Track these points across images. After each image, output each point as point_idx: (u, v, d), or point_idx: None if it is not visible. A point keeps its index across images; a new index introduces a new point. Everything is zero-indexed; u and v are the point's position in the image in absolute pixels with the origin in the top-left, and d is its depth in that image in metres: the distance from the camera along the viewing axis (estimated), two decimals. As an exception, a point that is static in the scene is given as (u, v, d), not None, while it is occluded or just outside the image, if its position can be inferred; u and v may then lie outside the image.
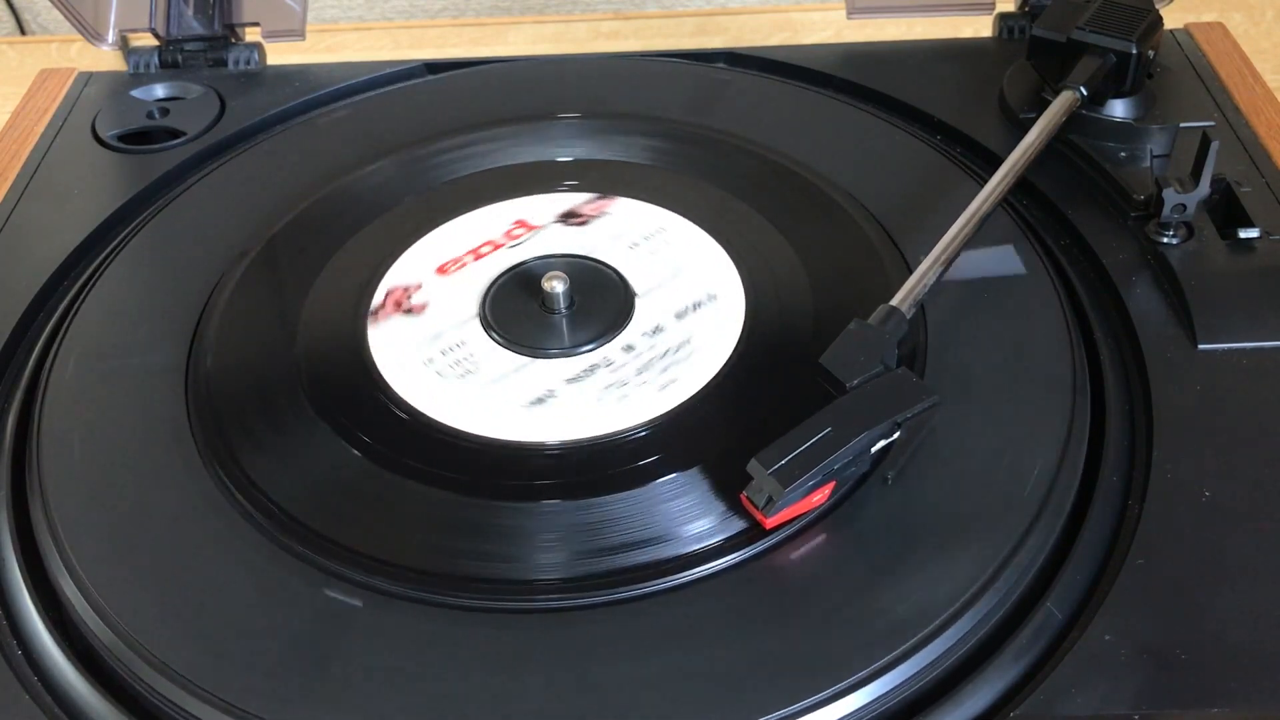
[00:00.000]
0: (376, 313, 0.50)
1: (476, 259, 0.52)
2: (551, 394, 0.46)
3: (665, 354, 0.47)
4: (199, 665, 0.38)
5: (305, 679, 0.37)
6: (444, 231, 0.54)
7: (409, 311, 0.50)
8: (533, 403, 0.46)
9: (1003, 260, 0.50)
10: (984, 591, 0.39)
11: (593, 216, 0.53)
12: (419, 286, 0.51)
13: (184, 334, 0.50)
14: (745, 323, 0.49)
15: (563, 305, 0.49)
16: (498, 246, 0.53)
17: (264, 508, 0.42)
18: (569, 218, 0.54)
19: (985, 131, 0.59)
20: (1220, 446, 0.43)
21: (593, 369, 0.47)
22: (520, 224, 0.54)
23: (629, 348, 0.48)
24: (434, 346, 0.48)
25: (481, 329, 0.49)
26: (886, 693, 0.37)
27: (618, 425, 0.45)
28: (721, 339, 0.48)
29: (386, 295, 0.51)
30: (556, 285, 0.49)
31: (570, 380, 0.47)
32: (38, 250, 0.55)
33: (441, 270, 0.52)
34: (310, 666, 0.38)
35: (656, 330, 0.49)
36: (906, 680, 0.37)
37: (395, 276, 0.52)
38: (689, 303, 0.50)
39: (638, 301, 0.50)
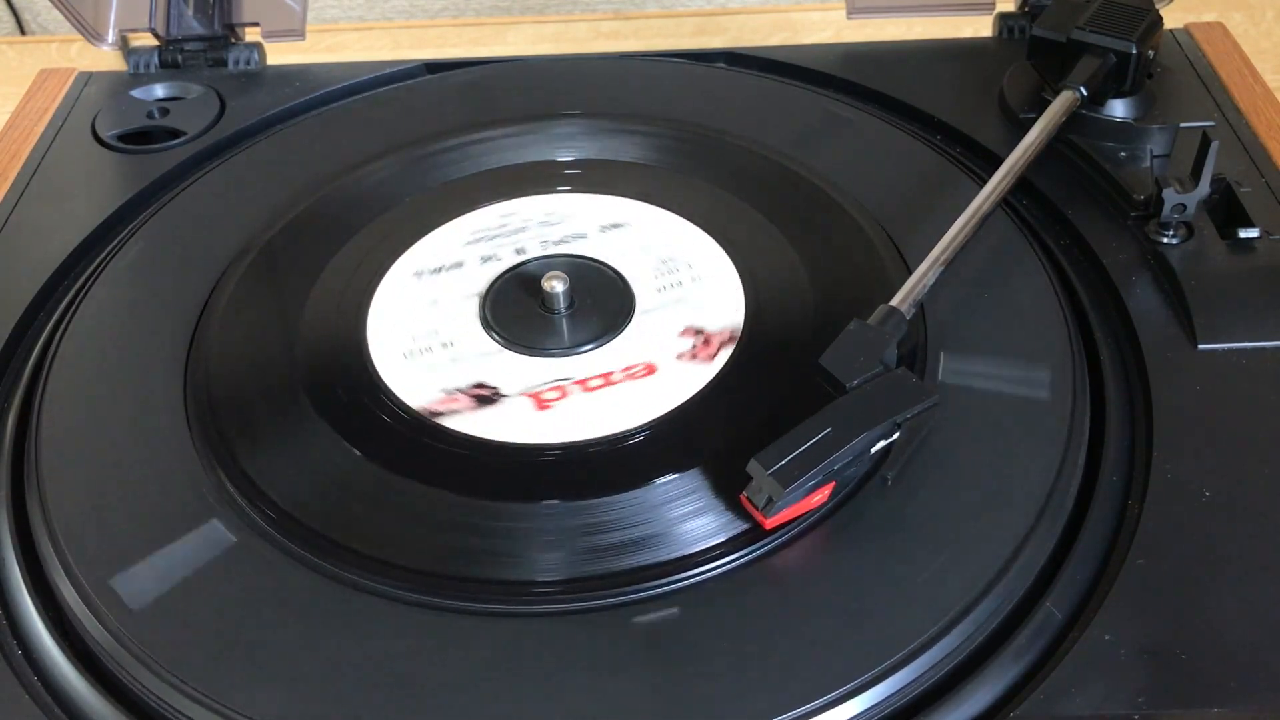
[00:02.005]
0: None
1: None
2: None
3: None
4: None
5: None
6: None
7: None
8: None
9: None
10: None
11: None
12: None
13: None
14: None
15: (562, 305, 0.49)
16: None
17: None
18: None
19: (985, 131, 0.59)
20: (1220, 446, 0.43)
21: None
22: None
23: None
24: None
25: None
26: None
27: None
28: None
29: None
30: (556, 285, 0.49)
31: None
32: (38, 250, 0.55)
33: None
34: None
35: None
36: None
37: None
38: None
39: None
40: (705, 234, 0.53)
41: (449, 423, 0.45)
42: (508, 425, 0.45)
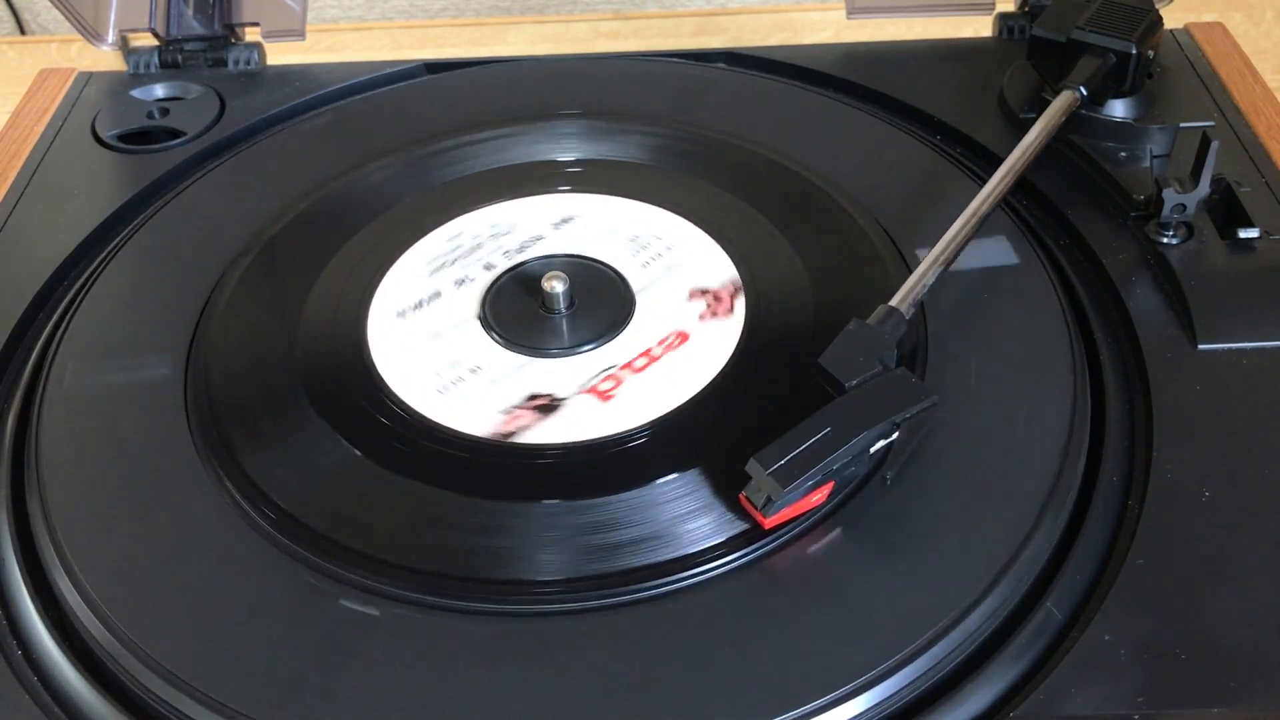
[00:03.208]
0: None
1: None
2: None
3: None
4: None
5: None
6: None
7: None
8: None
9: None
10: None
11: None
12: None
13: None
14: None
15: (563, 305, 0.49)
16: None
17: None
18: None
19: (985, 131, 0.59)
20: (1220, 446, 0.43)
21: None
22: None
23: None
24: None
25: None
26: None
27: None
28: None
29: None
30: (556, 285, 0.49)
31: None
32: (38, 250, 0.55)
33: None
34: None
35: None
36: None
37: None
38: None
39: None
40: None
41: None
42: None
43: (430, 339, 0.49)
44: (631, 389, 0.46)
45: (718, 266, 0.51)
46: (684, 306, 0.49)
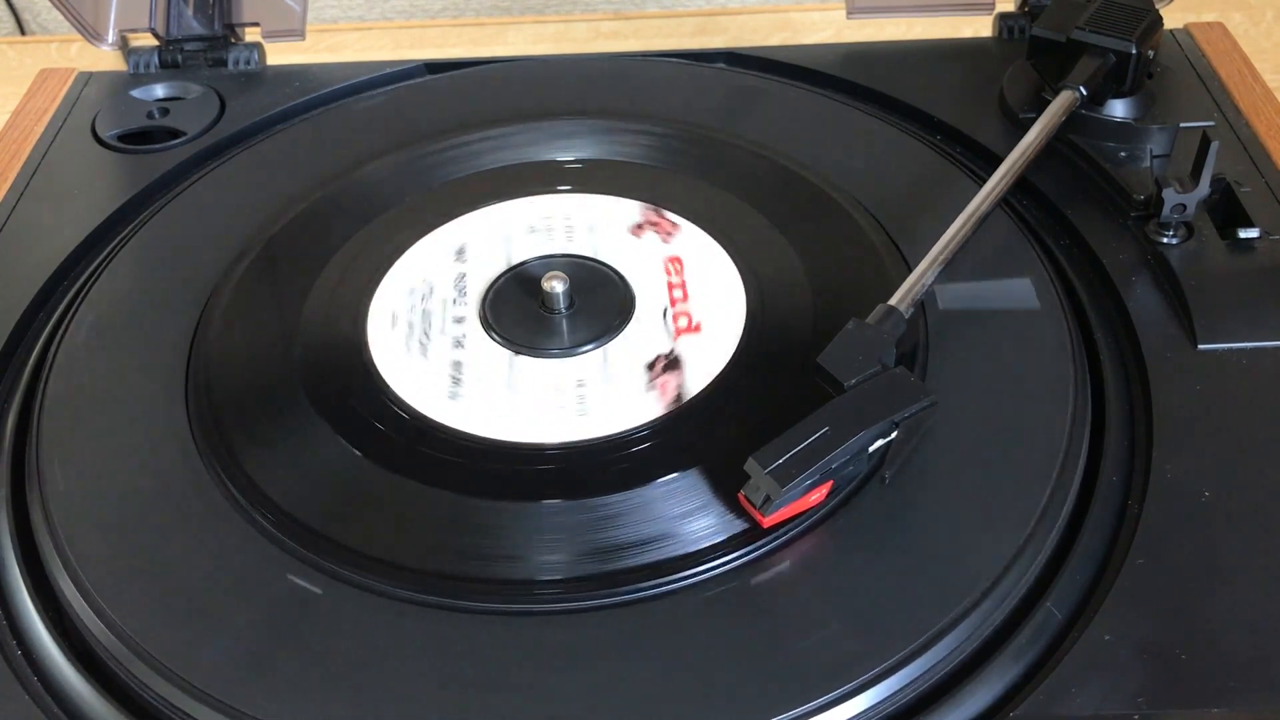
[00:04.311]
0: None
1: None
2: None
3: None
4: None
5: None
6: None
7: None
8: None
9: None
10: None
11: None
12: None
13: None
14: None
15: (562, 305, 0.49)
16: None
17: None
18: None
19: (985, 131, 0.59)
20: (1220, 446, 0.43)
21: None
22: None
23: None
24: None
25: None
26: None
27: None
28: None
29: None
30: (556, 285, 0.49)
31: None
32: (38, 250, 0.55)
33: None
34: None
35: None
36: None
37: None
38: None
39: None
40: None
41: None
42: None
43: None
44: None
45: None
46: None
